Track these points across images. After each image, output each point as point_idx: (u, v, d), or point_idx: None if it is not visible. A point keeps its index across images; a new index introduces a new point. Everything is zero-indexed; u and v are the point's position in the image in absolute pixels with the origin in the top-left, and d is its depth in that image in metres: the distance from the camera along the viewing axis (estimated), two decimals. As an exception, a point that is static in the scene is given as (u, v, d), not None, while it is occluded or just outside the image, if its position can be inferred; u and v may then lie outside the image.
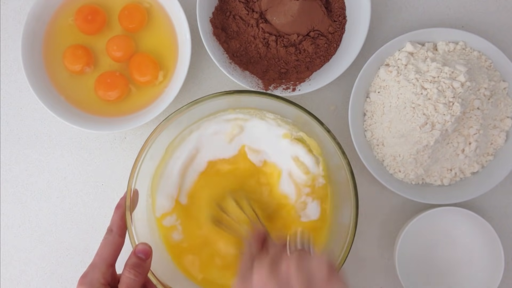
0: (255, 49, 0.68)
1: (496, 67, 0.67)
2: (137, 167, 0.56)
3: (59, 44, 0.69)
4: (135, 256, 0.52)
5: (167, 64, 0.69)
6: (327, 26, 0.68)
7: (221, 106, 0.60)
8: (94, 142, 0.72)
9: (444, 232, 0.68)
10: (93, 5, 0.69)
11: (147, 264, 0.53)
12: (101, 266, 0.52)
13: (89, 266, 0.53)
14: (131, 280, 0.51)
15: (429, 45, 0.67)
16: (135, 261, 0.52)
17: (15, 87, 0.73)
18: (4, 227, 0.72)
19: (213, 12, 0.68)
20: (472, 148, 0.65)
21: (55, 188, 0.72)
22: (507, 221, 0.70)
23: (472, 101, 0.64)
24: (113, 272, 0.53)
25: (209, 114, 0.62)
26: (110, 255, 0.53)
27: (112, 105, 0.69)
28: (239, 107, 0.61)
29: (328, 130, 0.56)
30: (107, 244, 0.54)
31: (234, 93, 0.57)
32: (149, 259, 0.53)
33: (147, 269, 0.53)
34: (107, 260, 0.53)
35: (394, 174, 0.67)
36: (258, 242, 0.52)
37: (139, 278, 0.51)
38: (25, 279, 0.72)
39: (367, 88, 0.68)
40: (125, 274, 0.51)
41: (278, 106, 0.58)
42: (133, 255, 0.52)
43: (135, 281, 0.51)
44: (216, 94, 0.57)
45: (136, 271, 0.51)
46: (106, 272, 0.52)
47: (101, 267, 0.52)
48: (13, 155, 0.73)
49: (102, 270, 0.52)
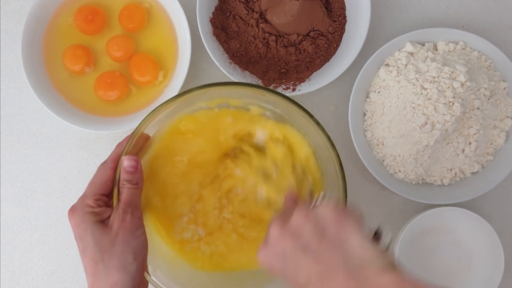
0: (255, 49, 0.68)
1: (496, 67, 0.67)
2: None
3: (59, 44, 0.69)
4: (125, 171, 0.53)
5: (167, 64, 0.69)
6: (327, 26, 0.68)
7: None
8: (94, 142, 0.72)
9: (444, 232, 0.68)
10: (93, 5, 0.69)
11: (139, 173, 0.53)
12: (90, 194, 0.52)
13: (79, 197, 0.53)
14: (129, 190, 0.52)
15: (429, 45, 0.67)
16: (126, 175, 0.53)
17: (15, 87, 0.73)
18: (4, 227, 0.72)
19: (213, 12, 0.68)
20: (472, 148, 0.65)
21: (55, 188, 0.72)
22: (507, 221, 0.70)
23: (472, 101, 0.64)
24: (106, 202, 0.53)
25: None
26: (99, 184, 0.53)
27: (112, 105, 0.69)
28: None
29: (317, 121, 0.55)
30: (97, 174, 0.54)
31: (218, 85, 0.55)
32: (139, 167, 0.53)
33: (140, 177, 0.54)
34: (96, 189, 0.53)
35: (394, 174, 0.67)
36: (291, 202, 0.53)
37: (135, 187, 0.52)
38: (25, 279, 0.72)
39: (367, 88, 0.68)
40: (121, 189, 0.52)
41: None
42: (123, 171, 0.53)
43: (132, 190, 0.52)
44: (215, 83, 0.55)
45: (130, 183, 0.52)
46: (96, 199, 0.52)
47: (90, 195, 0.52)
48: (13, 155, 0.73)
49: (91, 198, 0.52)
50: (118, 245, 0.49)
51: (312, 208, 0.46)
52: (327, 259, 0.42)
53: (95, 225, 0.50)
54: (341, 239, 0.42)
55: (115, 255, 0.49)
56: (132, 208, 0.51)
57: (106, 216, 0.51)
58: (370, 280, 0.40)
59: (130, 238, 0.50)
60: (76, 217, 0.51)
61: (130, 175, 0.53)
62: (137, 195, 0.53)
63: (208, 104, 0.59)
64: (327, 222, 0.44)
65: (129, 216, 0.50)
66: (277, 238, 0.45)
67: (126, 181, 0.53)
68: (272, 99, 0.56)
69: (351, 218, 0.44)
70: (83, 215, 0.51)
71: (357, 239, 0.42)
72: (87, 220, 0.51)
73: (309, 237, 0.43)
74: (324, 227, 0.44)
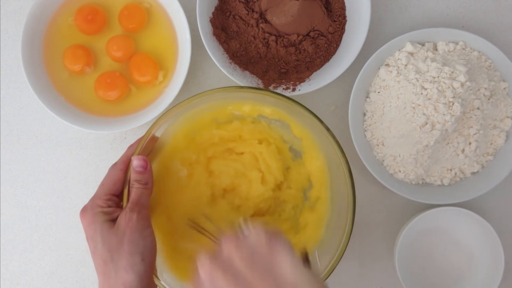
0: (255, 49, 0.68)
1: (496, 67, 0.67)
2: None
3: (59, 44, 0.69)
4: (134, 171, 0.53)
5: (167, 64, 0.69)
6: (327, 26, 0.68)
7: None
8: (94, 142, 0.72)
9: (444, 232, 0.68)
10: (93, 5, 0.69)
11: (148, 173, 0.54)
12: (101, 194, 0.53)
13: (90, 198, 0.54)
14: (138, 190, 0.53)
15: (429, 45, 0.67)
16: (135, 175, 0.53)
17: (15, 87, 0.73)
18: (4, 227, 0.72)
19: (213, 12, 0.68)
20: (472, 148, 0.65)
21: (55, 188, 0.72)
22: (507, 221, 0.70)
23: (472, 101, 0.64)
24: (117, 202, 0.54)
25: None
26: (110, 185, 0.54)
27: (112, 105, 0.69)
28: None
29: (328, 128, 0.56)
30: (108, 176, 0.55)
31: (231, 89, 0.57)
32: (149, 168, 0.54)
33: (150, 177, 0.54)
34: (107, 189, 0.53)
35: (394, 174, 0.67)
36: None
37: (144, 187, 0.53)
38: (25, 279, 0.72)
39: (367, 88, 0.68)
40: (131, 189, 0.53)
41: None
42: (132, 171, 0.53)
43: (141, 189, 0.53)
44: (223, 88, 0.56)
45: (139, 183, 0.53)
46: (106, 200, 0.52)
47: (101, 195, 0.53)
48: (13, 155, 0.73)
49: (102, 198, 0.52)
50: (126, 245, 0.49)
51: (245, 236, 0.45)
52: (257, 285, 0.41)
53: (104, 225, 0.50)
54: (273, 265, 0.42)
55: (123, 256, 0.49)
56: (139, 207, 0.51)
57: (115, 216, 0.52)
58: None
59: (138, 238, 0.50)
60: (87, 217, 0.51)
61: (139, 175, 0.53)
62: (145, 195, 0.53)
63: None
64: (258, 248, 0.43)
65: (136, 215, 0.50)
66: (207, 272, 0.43)
67: (135, 181, 0.53)
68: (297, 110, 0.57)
69: (282, 243, 0.43)
70: (93, 215, 0.51)
71: (288, 263, 0.42)
72: (96, 221, 0.51)
73: (240, 265, 0.42)
74: (255, 253, 0.43)
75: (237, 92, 0.57)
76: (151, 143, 0.57)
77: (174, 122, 0.58)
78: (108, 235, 0.50)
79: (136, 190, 0.53)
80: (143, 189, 0.53)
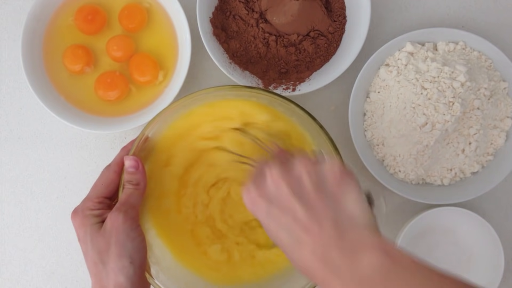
0: (255, 49, 0.68)
1: (496, 67, 0.67)
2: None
3: (59, 44, 0.69)
4: (126, 172, 0.53)
5: (167, 64, 0.69)
6: (327, 26, 0.68)
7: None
8: (94, 142, 0.72)
9: (444, 232, 0.68)
10: (93, 5, 0.69)
11: (140, 173, 0.54)
12: (92, 197, 0.53)
13: (82, 200, 0.54)
14: (128, 190, 0.53)
15: (429, 45, 0.67)
16: (127, 175, 0.53)
17: (15, 87, 0.73)
18: (4, 227, 0.72)
19: (213, 12, 0.68)
20: (472, 148, 0.65)
21: (55, 188, 0.72)
22: (507, 221, 0.70)
23: (472, 101, 0.64)
24: (109, 204, 0.54)
25: None
26: (102, 188, 0.54)
27: (112, 105, 0.69)
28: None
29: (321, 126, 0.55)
30: (101, 178, 0.55)
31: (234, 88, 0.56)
32: (141, 168, 0.54)
33: (142, 178, 0.54)
34: (99, 191, 0.53)
35: (394, 174, 0.67)
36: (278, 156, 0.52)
37: (135, 187, 0.53)
38: (25, 279, 0.72)
39: (367, 88, 0.68)
40: (124, 189, 0.53)
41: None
42: (125, 172, 0.54)
43: (132, 190, 0.53)
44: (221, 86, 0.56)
45: (130, 183, 0.53)
46: (97, 202, 0.52)
47: (92, 197, 0.53)
48: (13, 155, 0.73)
49: (93, 200, 0.52)
50: (114, 247, 0.49)
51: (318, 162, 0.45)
52: (317, 208, 0.42)
53: (93, 227, 0.51)
54: (338, 197, 0.43)
55: (112, 257, 0.49)
56: (126, 207, 0.51)
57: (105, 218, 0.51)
58: (352, 233, 0.40)
59: (125, 239, 0.49)
60: (77, 219, 0.52)
61: (130, 176, 0.53)
62: (135, 196, 0.53)
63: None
64: (329, 177, 0.44)
65: (123, 215, 0.50)
66: (275, 180, 0.44)
67: (126, 181, 0.53)
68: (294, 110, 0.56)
69: (352, 179, 0.44)
70: (83, 217, 0.51)
71: (353, 198, 0.43)
72: (86, 223, 0.51)
73: (308, 186, 0.43)
74: (324, 181, 0.44)
75: (230, 91, 0.56)
76: (144, 144, 0.56)
77: (167, 122, 0.58)
78: (96, 237, 0.50)
79: (126, 190, 0.53)
80: (134, 189, 0.53)
